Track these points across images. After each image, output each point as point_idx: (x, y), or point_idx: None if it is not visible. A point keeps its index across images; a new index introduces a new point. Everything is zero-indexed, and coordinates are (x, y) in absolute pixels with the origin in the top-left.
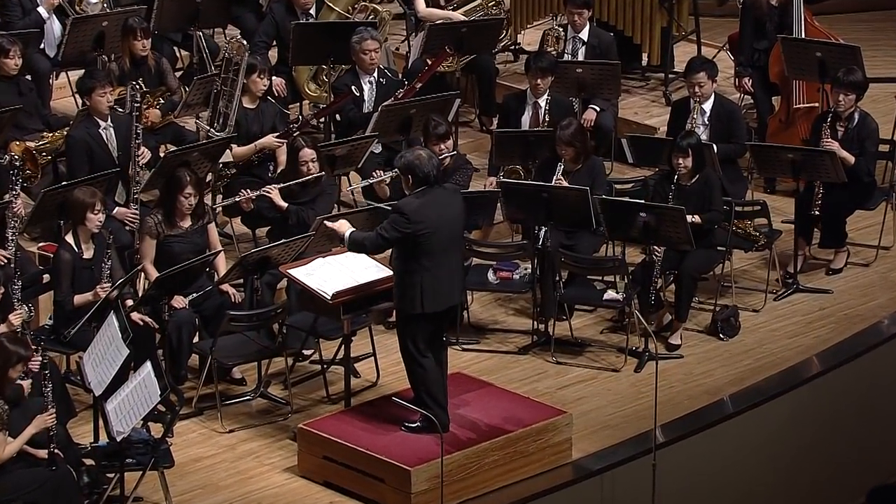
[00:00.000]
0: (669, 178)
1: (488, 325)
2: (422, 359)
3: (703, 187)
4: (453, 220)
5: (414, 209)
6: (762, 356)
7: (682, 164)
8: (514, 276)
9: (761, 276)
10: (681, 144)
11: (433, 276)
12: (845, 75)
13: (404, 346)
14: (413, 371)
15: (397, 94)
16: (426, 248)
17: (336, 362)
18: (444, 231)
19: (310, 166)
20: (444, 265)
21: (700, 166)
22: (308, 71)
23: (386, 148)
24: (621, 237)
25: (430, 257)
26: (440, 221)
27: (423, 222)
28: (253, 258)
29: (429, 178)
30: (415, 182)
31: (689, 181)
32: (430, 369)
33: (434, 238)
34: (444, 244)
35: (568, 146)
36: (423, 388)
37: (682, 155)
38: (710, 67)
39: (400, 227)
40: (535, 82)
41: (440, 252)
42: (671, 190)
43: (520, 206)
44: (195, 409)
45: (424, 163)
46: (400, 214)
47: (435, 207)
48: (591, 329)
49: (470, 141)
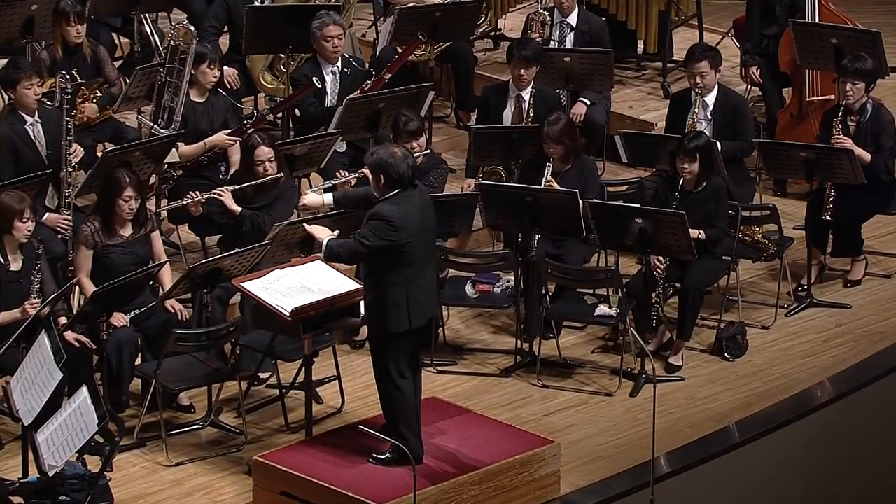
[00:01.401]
0: (672, 184)
1: (466, 344)
2: (401, 381)
3: (711, 197)
4: (431, 225)
5: (398, 215)
6: (772, 378)
7: (687, 170)
8: (495, 289)
9: (771, 288)
10: (687, 147)
11: (417, 288)
12: (852, 62)
13: (384, 367)
14: (389, 395)
15: (364, 87)
16: (410, 258)
17: (296, 386)
18: (424, 237)
19: (266, 167)
20: (426, 275)
21: (708, 172)
22: (263, 60)
23: (351, 146)
24: (615, 246)
25: (413, 268)
26: (421, 227)
27: (407, 230)
28: (202, 270)
29: (403, 179)
30: (387, 183)
31: (696, 188)
32: (408, 393)
33: (416, 246)
34: (424, 252)
35: (556, 143)
36: (397, 415)
37: (688, 159)
38: (714, 56)
39: (385, 235)
40: (517, 73)
41: (421, 261)
42: (675, 198)
43: (501, 212)
44: (137, 440)
45: (399, 161)
46: (384, 221)
47: (415, 212)
48: (582, 348)
49: (445, 138)
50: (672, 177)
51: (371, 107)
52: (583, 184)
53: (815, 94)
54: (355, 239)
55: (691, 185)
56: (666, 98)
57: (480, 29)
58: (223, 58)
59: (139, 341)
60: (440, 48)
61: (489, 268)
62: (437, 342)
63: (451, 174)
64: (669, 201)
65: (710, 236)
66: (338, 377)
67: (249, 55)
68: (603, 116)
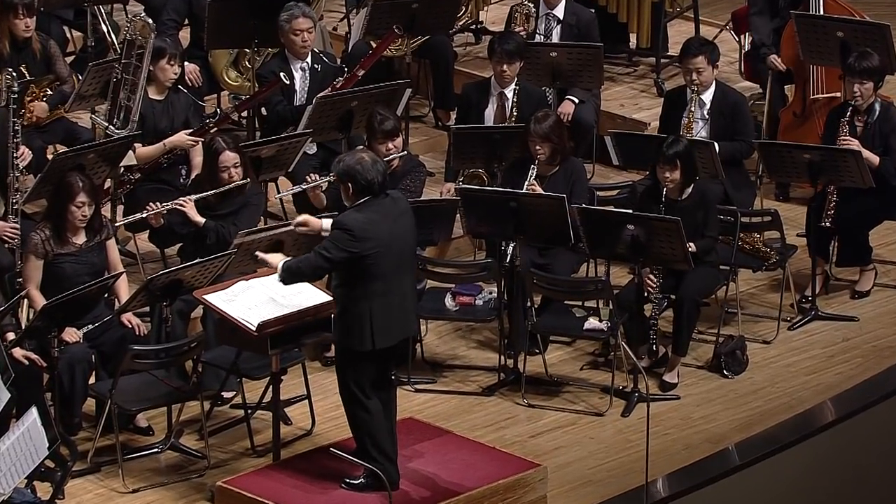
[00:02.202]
0: (655, 193)
1: (446, 360)
2: (367, 401)
3: (698, 205)
4: (405, 234)
5: (360, 225)
6: (774, 397)
7: (668, 178)
8: (477, 301)
9: (773, 300)
10: (666, 154)
11: (385, 305)
12: (858, 61)
13: (345, 385)
14: (355, 416)
15: (335, 84)
16: (376, 270)
17: (263, 406)
18: (395, 249)
19: (231, 173)
20: (397, 290)
21: (691, 177)
22: (227, 56)
23: (322, 148)
24: (605, 254)
25: (381, 281)
26: (391, 238)
27: (371, 240)
28: (161, 282)
29: (373, 187)
30: (356, 191)
31: (681, 196)
32: (376, 413)
33: (385, 258)
34: (395, 265)
35: (544, 142)
36: (367, 437)
37: (668, 167)
38: (711, 50)
39: (345, 246)
40: (500, 69)
41: (392, 274)
42: (661, 208)
43: (483, 218)
44: (91, 465)
45: (367, 168)
46: (343, 231)
47: (384, 221)
48: (570, 365)
49: (423, 139)
50: (654, 186)
51: (343, 106)
52: (571, 188)
53: (820, 92)
54: (316, 252)
55: (676, 193)
56: (660, 96)
57: (460, 22)
58: (184, 53)
59: (93, 358)
60: (417, 42)
61: (470, 278)
62: (414, 358)
63: (430, 178)
64: (654, 213)
65: (701, 247)
66: (308, 396)
67: (212, 50)
68: (592, 116)
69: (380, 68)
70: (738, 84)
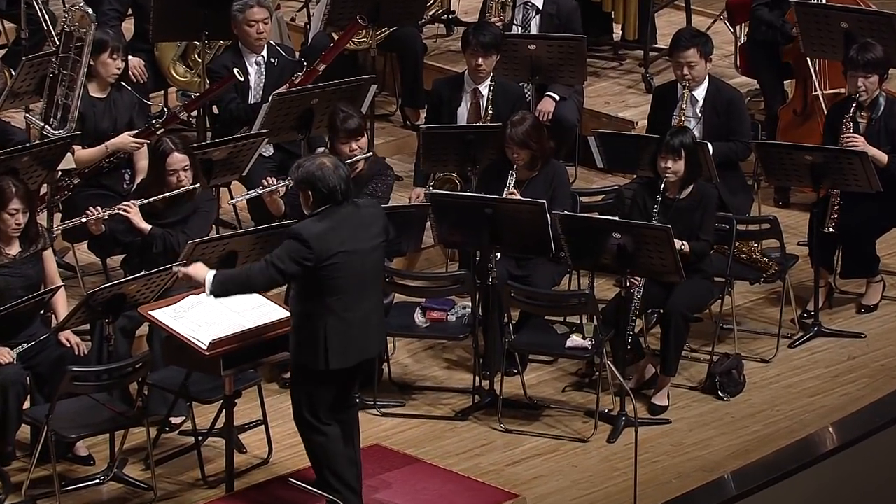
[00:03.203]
0: (653, 189)
1: (415, 381)
2: (322, 426)
3: (697, 208)
4: (370, 247)
5: (316, 234)
6: (774, 421)
7: (670, 170)
8: (450, 317)
9: (772, 315)
10: (671, 143)
11: (342, 323)
12: (861, 53)
13: (298, 410)
14: (312, 442)
15: (294, 79)
16: (333, 285)
17: (215, 433)
18: (356, 262)
19: (180, 176)
20: (358, 307)
21: (694, 175)
22: (175, 49)
23: (279, 149)
24: (589, 265)
25: (339, 297)
26: (352, 250)
27: (328, 251)
28: (103, 296)
29: (335, 195)
30: (316, 199)
31: (680, 194)
32: (334, 439)
33: (344, 272)
34: (357, 280)
35: (521, 148)
36: (326, 465)
37: (672, 156)
38: (703, 42)
39: (298, 256)
40: (474, 63)
41: (352, 290)
42: (655, 203)
43: (456, 226)
44: (26, 498)
45: (329, 174)
46: (297, 241)
47: (345, 231)
48: (551, 386)
49: (390, 140)
50: (653, 181)
51: (302, 103)
52: (551, 193)
53: (823, 88)
54: (268, 262)
55: (675, 190)
56: (648, 92)
57: (431, 11)
58: (127, 46)
59: (28, 381)
60: (383, 34)
61: (442, 292)
62: (380, 380)
63: (397, 182)
64: (649, 208)
65: (696, 250)
66: (264, 422)
67: (158, 43)
68: (574, 114)
69: (342, 62)
70: (734, 79)
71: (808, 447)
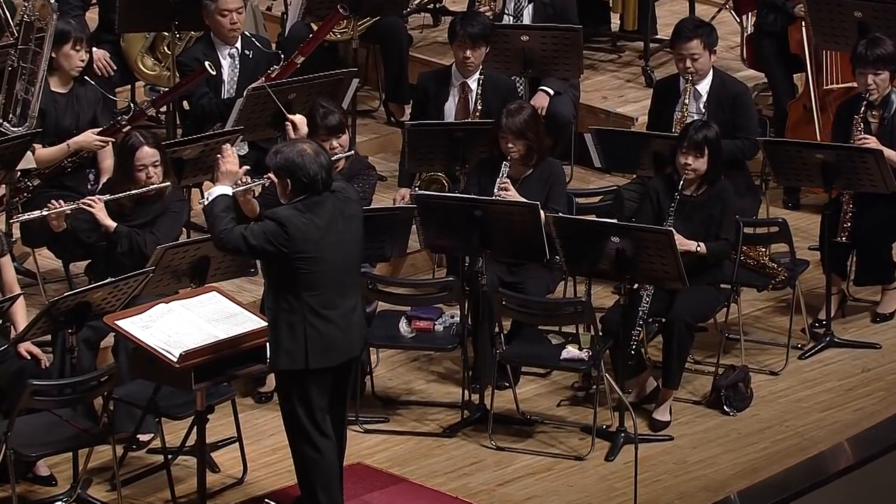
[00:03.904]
0: (671, 184)
1: (400, 395)
2: (319, 438)
3: (715, 203)
4: (350, 240)
5: (297, 223)
6: (783, 437)
7: (691, 166)
8: (437, 326)
9: (781, 324)
10: (695, 138)
11: (321, 320)
12: (870, 48)
13: (293, 419)
14: (304, 457)
15: (270, 73)
16: (309, 279)
17: (186, 451)
18: (335, 257)
19: (149, 172)
20: (337, 303)
21: (716, 174)
22: (143, 40)
23: (255, 148)
24: (586, 271)
25: (316, 293)
26: (332, 245)
27: (306, 242)
28: (66, 305)
29: (315, 184)
30: (295, 188)
31: (697, 192)
32: (328, 454)
33: (321, 267)
34: (336, 277)
35: (518, 139)
36: (314, 482)
37: (694, 153)
38: (707, 33)
39: (274, 239)
40: (463, 55)
41: (331, 286)
42: (672, 202)
43: (444, 230)
44: None
45: (310, 161)
46: (278, 225)
47: (325, 224)
48: (545, 400)
49: (373, 137)
50: (669, 177)
51: (279, 98)
52: (546, 193)
53: (835, 82)
54: (240, 231)
55: (692, 188)
56: (648, 87)
57: (416, 1)
58: (91, 37)
59: None
60: (366, 24)
61: (428, 300)
62: (363, 393)
63: (381, 183)
64: (664, 207)
65: (714, 250)
66: (238, 439)
67: (124, 34)
68: (570, 110)
69: (322, 55)
70: (740, 73)
71: (819, 465)
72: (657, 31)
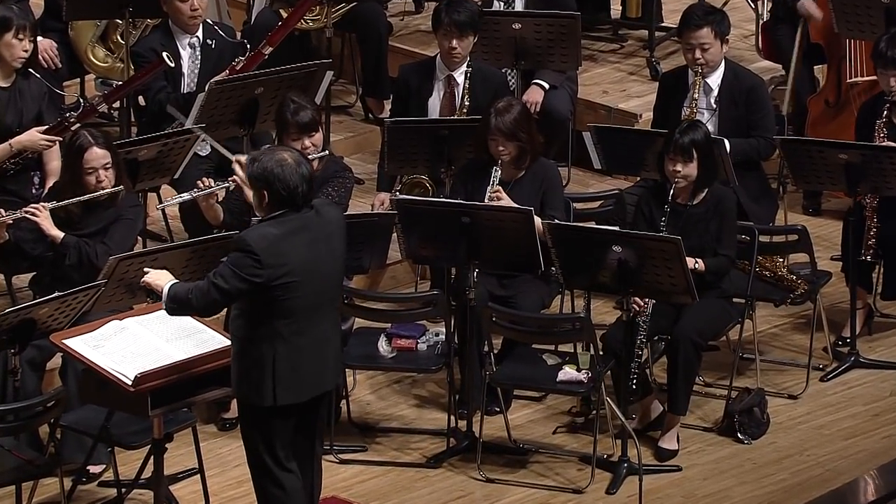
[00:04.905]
0: (660, 195)
1: (379, 422)
2: (281, 473)
3: (713, 212)
4: (331, 261)
5: (269, 245)
6: (803, 468)
7: (680, 173)
8: (420, 345)
9: (801, 342)
10: (681, 142)
11: (293, 350)
12: (891, 47)
13: (254, 454)
14: (266, 493)
15: (235, 65)
16: (286, 306)
17: (141, 484)
18: (315, 280)
19: (100, 176)
20: (311, 332)
21: (709, 178)
22: (93, 29)
23: None
24: (585, 284)
25: (291, 320)
26: (311, 265)
27: (284, 266)
28: (8, 322)
29: (295, 198)
30: (272, 202)
31: (692, 201)
32: (293, 491)
33: (299, 291)
34: (313, 301)
35: (509, 141)
36: None
37: (682, 158)
38: (718, 21)
39: (247, 273)
40: (448, 45)
41: (307, 312)
42: (664, 213)
43: (427, 238)
44: None
45: (290, 172)
46: (247, 255)
47: (303, 243)
48: (540, 427)
49: (350, 136)
50: (660, 185)
51: (245, 93)
52: (541, 198)
53: (860, 74)
54: (209, 281)
55: (686, 196)
56: (654, 80)
57: None
58: (36, 25)
59: None
60: (341, 11)
61: (411, 316)
62: (338, 420)
63: (358, 186)
64: (656, 219)
65: (712, 268)
66: (200, 470)
67: (73, 21)
68: (567, 105)
69: (293, 45)
70: (755, 64)
71: (843, 499)
72: (663, 19)
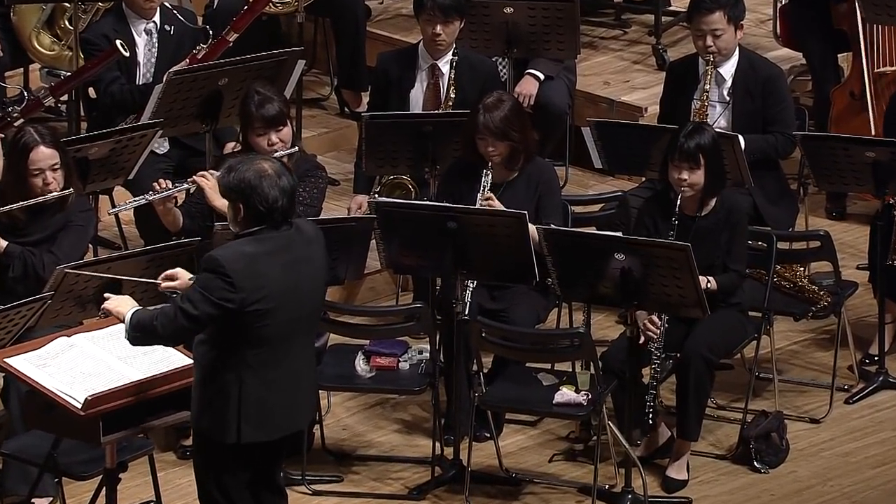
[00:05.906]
0: (665, 205)
1: (356, 449)
2: None
3: (723, 224)
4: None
5: (243, 267)
6: (826, 499)
7: (686, 182)
8: (402, 364)
9: (823, 360)
10: (686, 147)
11: (263, 381)
12: None
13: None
14: None
15: (196, 53)
16: (259, 334)
17: None
18: (291, 307)
19: (47, 178)
20: (285, 362)
21: (718, 185)
22: (38, 13)
23: (176, 145)
24: (584, 296)
25: (263, 348)
26: (287, 288)
27: (260, 290)
28: None
29: (274, 212)
30: (248, 216)
31: (701, 211)
32: None
33: (275, 319)
34: (288, 329)
35: (499, 140)
36: None
37: (687, 165)
38: (732, 5)
39: (218, 296)
40: (432, 31)
41: (280, 342)
42: (671, 227)
43: (410, 245)
44: None
45: (271, 185)
46: (218, 276)
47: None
48: (534, 455)
49: (324, 132)
50: (663, 193)
51: (207, 84)
52: (535, 201)
53: (889, 63)
54: (177, 306)
55: (694, 206)
56: (661, 69)
57: None
58: None
59: None
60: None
61: (392, 331)
62: (311, 447)
63: (332, 187)
64: (662, 233)
65: (722, 285)
66: (157, 502)
67: (15, 5)
68: (564, 98)
69: (260, 30)
70: (773, 52)
71: None
72: (670, 3)
